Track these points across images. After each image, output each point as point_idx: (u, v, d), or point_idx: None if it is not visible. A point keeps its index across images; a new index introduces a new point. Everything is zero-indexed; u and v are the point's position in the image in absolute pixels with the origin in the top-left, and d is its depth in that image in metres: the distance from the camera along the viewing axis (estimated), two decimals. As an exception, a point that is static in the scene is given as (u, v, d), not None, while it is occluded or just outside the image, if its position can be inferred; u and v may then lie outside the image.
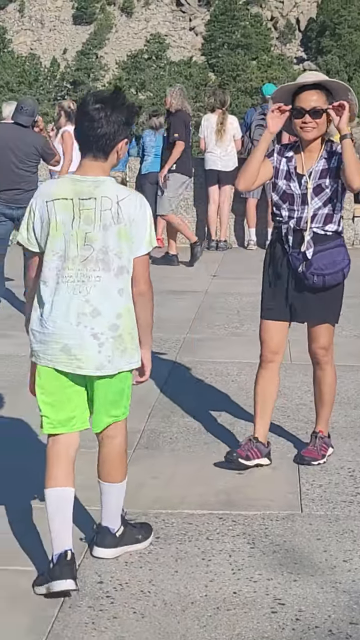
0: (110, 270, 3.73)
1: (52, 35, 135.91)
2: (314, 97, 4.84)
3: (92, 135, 3.75)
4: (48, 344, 3.76)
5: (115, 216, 3.73)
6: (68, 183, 3.80)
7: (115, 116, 3.74)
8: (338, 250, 4.96)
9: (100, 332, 3.73)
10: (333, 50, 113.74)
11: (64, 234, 3.73)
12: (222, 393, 6.47)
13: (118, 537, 4.03)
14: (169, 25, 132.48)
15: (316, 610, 3.60)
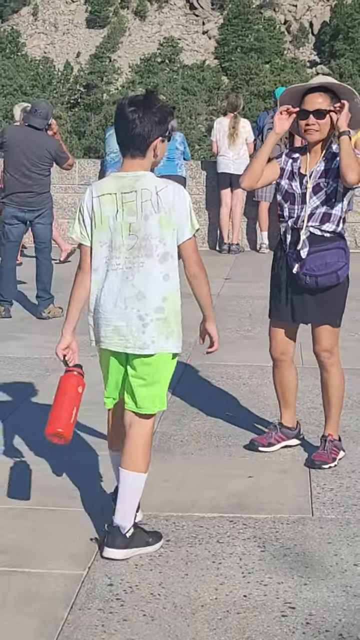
0: (152, 256, 4.01)
1: (65, 39, 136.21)
2: (318, 99, 4.94)
3: (128, 136, 4.04)
4: (101, 327, 4.08)
5: (156, 205, 4.01)
6: (112, 180, 4.12)
7: (148, 117, 4.02)
8: (334, 252, 4.98)
9: (145, 313, 4.01)
10: (346, 54, 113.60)
11: (109, 226, 4.04)
12: (233, 396, 6.46)
13: (128, 538, 4.07)
14: (182, 29, 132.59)
15: (327, 614, 3.59)
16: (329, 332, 5.15)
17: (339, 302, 5.14)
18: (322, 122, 4.92)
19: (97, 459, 5.25)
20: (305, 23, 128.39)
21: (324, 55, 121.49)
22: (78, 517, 4.48)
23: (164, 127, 4.08)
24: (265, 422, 5.83)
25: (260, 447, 5.35)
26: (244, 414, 6.06)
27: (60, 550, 4.11)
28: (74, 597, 3.72)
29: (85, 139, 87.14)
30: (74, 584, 3.82)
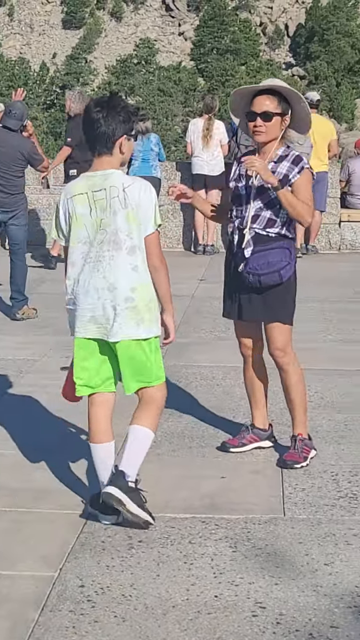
0: (121, 249, 4.29)
1: (41, 40, 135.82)
2: (266, 102, 5.02)
3: (94, 135, 4.32)
4: (78, 318, 4.35)
5: (123, 202, 4.29)
6: (83, 180, 4.40)
7: (112, 116, 4.30)
8: (277, 251, 5.03)
9: (117, 303, 4.29)
10: (321, 56, 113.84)
11: (84, 224, 4.32)
12: (207, 397, 6.47)
13: (129, 487, 4.32)
14: (158, 30, 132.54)
15: (297, 613, 3.60)
16: (280, 330, 5.16)
17: (286, 301, 5.16)
18: (269, 124, 5.00)
19: (68, 460, 5.25)
20: (281, 25, 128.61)
21: (299, 57, 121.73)
22: (49, 519, 4.48)
23: (128, 125, 4.36)
24: (238, 423, 5.84)
25: (231, 448, 5.36)
26: (218, 415, 6.07)
27: (31, 552, 4.11)
28: (45, 598, 3.71)
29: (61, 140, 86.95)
30: (45, 585, 3.82)
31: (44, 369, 7.17)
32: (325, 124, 13.82)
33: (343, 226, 13.73)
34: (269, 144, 5.06)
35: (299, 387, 5.24)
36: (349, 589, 3.79)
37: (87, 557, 4.07)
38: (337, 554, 4.11)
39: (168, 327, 4.50)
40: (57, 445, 5.49)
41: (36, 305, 9.11)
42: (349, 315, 9.15)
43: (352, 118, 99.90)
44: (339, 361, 7.40)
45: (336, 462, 5.23)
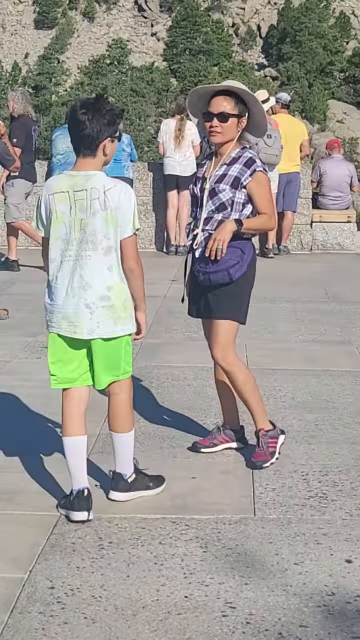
0: (98, 249, 4.39)
1: (13, 40, 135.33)
2: (223, 102, 5.03)
3: (79, 136, 4.40)
4: (54, 314, 4.47)
5: (103, 204, 4.37)
6: (65, 178, 4.48)
7: (97, 118, 4.37)
8: (228, 250, 5.01)
9: (92, 302, 4.39)
10: (294, 57, 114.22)
11: (64, 222, 4.41)
12: (178, 397, 6.47)
13: (130, 482, 4.63)
14: (130, 31, 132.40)
15: (266, 613, 3.61)
16: (223, 328, 5.13)
17: (234, 300, 5.11)
18: (225, 125, 5.00)
19: (39, 462, 5.24)
20: (253, 26, 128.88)
21: (271, 58, 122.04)
22: (19, 520, 4.46)
23: (112, 128, 4.43)
24: (210, 423, 5.85)
25: (202, 448, 5.37)
26: (189, 415, 6.07)
27: (0, 554, 4.09)
28: (15, 600, 3.70)
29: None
30: (14, 587, 3.80)
31: (15, 370, 7.15)
32: (297, 125, 13.89)
33: (315, 227, 13.78)
34: (225, 145, 5.06)
35: (247, 383, 5.18)
36: (319, 589, 3.80)
37: (57, 559, 4.06)
38: (307, 553, 4.12)
39: (140, 323, 4.62)
40: (28, 446, 5.48)
41: (7, 306, 9.08)
42: (320, 316, 9.19)
43: (324, 119, 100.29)
44: (311, 361, 7.43)
45: (306, 461, 5.25)
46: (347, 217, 13.91)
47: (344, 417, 6.07)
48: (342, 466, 5.18)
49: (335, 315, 9.26)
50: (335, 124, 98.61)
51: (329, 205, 13.87)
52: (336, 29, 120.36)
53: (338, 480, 4.97)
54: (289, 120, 13.60)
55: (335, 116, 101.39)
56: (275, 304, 9.62)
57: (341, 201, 13.90)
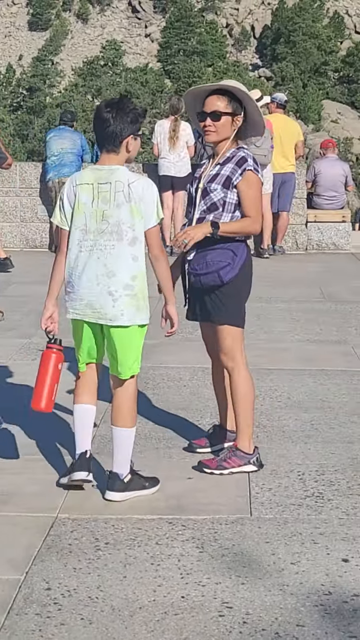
0: (123, 239, 4.60)
1: (7, 42, 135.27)
2: (217, 102, 5.02)
3: (103, 133, 4.65)
4: (75, 302, 4.67)
5: (127, 196, 4.60)
6: (90, 172, 4.72)
7: (121, 117, 4.62)
8: (218, 252, 4.97)
9: (115, 290, 4.60)
10: (288, 57, 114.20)
11: (84, 212, 4.63)
12: (174, 398, 6.47)
13: (126, 482, 4.70)
14: (124, 32, 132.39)
15: (263, 613, 3.61)
16: (224, 333, 5.06)
17: (230, 304, 5.02)
18: (219, 124, 4.99)
19: (34, 462, 5.23)
20: (247, 27, 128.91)
21: (265, 58, 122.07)
22: (15, 522, 4.46)
23: (135, 126, 4.68)
24: (206, 424, 5.85)
25: (198, 448, 5.36)
26: (185, 416, 6.07)
27: (6, 550, 4.09)
28: (11, 602, 3.69)
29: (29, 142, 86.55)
30: (11, 589, 3.80)
31: (10, 371, 7.14)
32: (292, 125, 13.88)
33: (310, 227, 13.79)
34: (220, 143, 5.04)
35: (245, 398, 5.07)
36: (315, 588, 3.80)
37: (54, 560, 4.06)
38: (304, 553, 4.12)
39: (172, 317, 4.83)
40: (24, 448, 5.47)
41: (2, 308, 9.07)
42: (316, 315, 9.19)
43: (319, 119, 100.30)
44: (306, 361, 7.43)
45: (303, 461, 5.25)
46: (342, 217, 13.92)
47: (340, 416, 6.08)
48: (338, 465, 5.18)
49: (331, 314, 9.27)
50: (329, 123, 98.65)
51: (323, 205, 13.88)
52: (330, 29, 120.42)
53: (334, 480, 4.97)
54: (284, 121, 13.60)
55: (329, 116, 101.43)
56: (271, 304, 9.62)
57: (336, 201, 13.91)
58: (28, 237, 13.90)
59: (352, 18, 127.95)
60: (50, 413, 5.10)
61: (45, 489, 4.85)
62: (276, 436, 5.67)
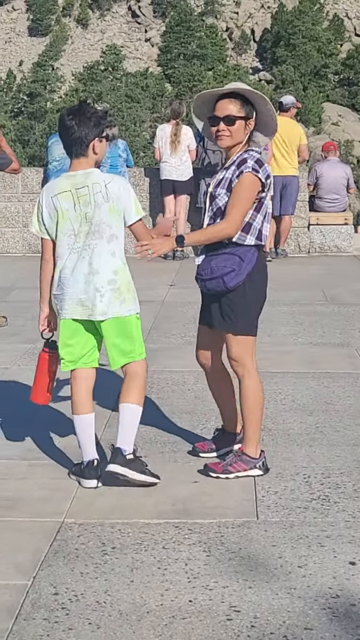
0: (103, 238, 4.84)
1: (7, 47, 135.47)
2: (229, 105, 4.94)
3: (70, 140, 4.85)
4: (65, 301, 4.89)
5: (105, 196, 4.82)
6: (65, 179, 4.91)
7: (84, 122, 4.82)
8: (223, 257, 4.92)
9: (101, 286, 4.82)
10: (288, 61, 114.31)
11: (69, 218, 4.84)
12: (178, 402, 6.47)
13: (128, 459, 4.86)
14: (124, 37, 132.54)
15: (271, 616, 3.61)
16: (233, 341, 5.01)
17: (237, 311, 4.96)
18: (233, 128, 4.91)
19: (40, 467, 5.24)
20: (247, 30, 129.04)
21: (266, 61, 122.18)
22: (22, 527, 4.46)
23: (98, 129, 4.87)
24: (210, 427, 5.84)
25: (200, 452, 5.34)
26: (189, 419, 6.07)
27: (4, 561, 4.09)
28: (19, 607, 3.69)
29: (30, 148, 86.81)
30: (18, 594, 3.80)
31: (14, 377, 7.14)
32: (295, 129, 13.78)
33: (312, 229, 13.80)
34: (233, 148, 4.97)
35: (253, 406, 5.02)
36: (323, 591, 3.80)
37: (61, 565, 4.06)
38: (310, 556, 4.12)
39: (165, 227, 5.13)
40: (30, 453, 5.48)
41: (5, 313, 9.08)
42: (319, 318, 9.20)
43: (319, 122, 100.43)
44: (310, 364, 7.43)
45: (308, 464, 5.25)
46: (344, 220, 13.94)
47: (345, 419, 6.08)
48: (344, 468, 5.18)
49: (334, 317, 9.27)
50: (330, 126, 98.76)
51: (325, 207, 13.89)
52: (330, 32, 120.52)
53: (340, 483, 4.97)
54: (287, 124, 13.58)
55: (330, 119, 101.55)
56: (274, 307, 9.61)
57: (338, 203, 13.92)
58: (30, 243, 13.91)
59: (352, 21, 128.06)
60: (53, 416, 5.08)
61: (52, 494, 4.85)
62: (281, 439, 5.67)
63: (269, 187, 5.00)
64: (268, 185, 4.96)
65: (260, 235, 4.96)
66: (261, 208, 4.94)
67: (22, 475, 5.14)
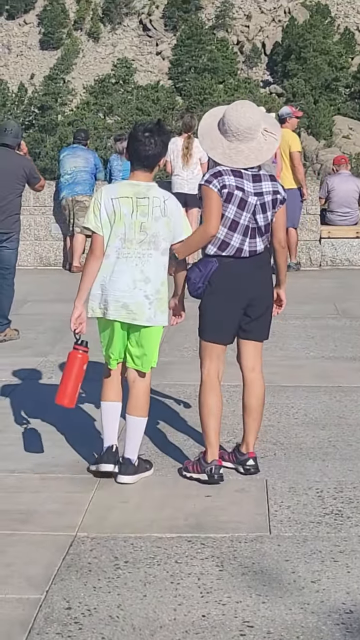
0: (158, 249, 5.13)
1: (19, 61, 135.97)
2: None
3: (143, 155, 5.13)
4: (110, 303, 5.09)
5: (163, 211, 5.12)
6: (128, 186, 5.18)
7: (160, 142, 5.14)
8: (192, 268, 5.27)
9: (150, 294, 5.11)
10: (299, 74, 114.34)
11: (124, 223, 5.08)
12: (190, 416, 6.46)
13: (136, 466, 5.22)
14: (135, 50, 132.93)
15: (285, 632, 3.60)
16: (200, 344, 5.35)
17: (200, 316, 5.28)
18: None
19: (53, 480, 5.24)
20: (258, 43, 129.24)
21: (276, 75, 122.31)
22: (35, 541, 4.46)
23: (167, 148, 5.27)
24: (222, 441, 5.83)
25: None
26: (201, 434, 6.05)
27: (17, 575, 4.09)
28: (32, 621, 3.69)
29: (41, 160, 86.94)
30: (31, 608, 3.80)
31: (27, 390, 7.15)
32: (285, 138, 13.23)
33: (323, 243, 13.79)
34: None
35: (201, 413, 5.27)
36: (336, 606, 3.79)
37: (74, 579, 4.06)
38: (324, 571, 4.11)
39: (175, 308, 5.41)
40: (42, 467, 5.48)
41: (17, 326, 9.09)
42: (331, 332, 9.18)
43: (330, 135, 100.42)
44: (322, 378, 7.42)
45: (321, 478, 5.24)
46: (355, 233, 13.91)
47: (358, 433, 6.06)
48: (357, 482, 5.17)
49: (346, 331, 9.25)
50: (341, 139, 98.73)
51: (337, 221, 13.87)
52: (341, 45, 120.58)
53: (353, 497, 4.96)
54: (283, 136, 13.38)
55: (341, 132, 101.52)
56: (286, 321, 9.60)
57: (349, 217, 13.90)
58: (42, 255, 13.94)
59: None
60: (65, 429, 5.07)
61: (64, 508, 4.85)
62: (293, 453, 5.66)
63: (227, 197, 5.09)
64: (225, 195, 5.08)
65: (223, 246, 5.15)
66: (222, 219, 5.11)
67: (35, 488, 5.14)
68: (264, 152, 5.16)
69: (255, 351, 5.39)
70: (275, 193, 5.21)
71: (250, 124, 5.10)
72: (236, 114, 5.10)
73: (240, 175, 5.14)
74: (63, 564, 4.20)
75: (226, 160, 5.12)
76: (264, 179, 5.19)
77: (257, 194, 5.15)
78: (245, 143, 5.13)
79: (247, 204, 5.12)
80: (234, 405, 6.25)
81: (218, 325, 5.23)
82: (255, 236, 5.18)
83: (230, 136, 5.12)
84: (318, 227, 13.80)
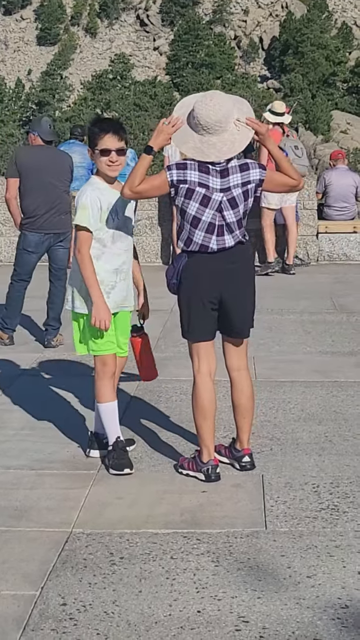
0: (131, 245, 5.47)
1: (16, 56, 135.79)
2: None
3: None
4: (118, 294, 5.37)
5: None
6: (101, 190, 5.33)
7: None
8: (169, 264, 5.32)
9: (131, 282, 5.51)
10: (296, 69, 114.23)
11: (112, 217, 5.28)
12: (187, 412, 6.44)
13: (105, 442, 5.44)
14: (133, 45, 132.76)
15: (280, 627, 3.59)
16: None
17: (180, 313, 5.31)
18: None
19: (48, 476, 5.23)
20: (255, 38, 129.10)
21: (274, 70, 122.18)
22: (30, 537, 4.45)
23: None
24: (219, 436, 5.83)
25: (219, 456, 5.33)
26: (198, 429, 6.05)
27: (12, 571, 4.09)
28: (27, 617, 3.69)
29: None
30: (26, 604, 3.79)
31: (23, 386, 7.14)
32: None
33: (320, 238, 13.77)
34: None
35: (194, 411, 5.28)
36: (332, 601, 3.79)
37: (69, 575, 4.06)
38: (320, 566, 4.11)
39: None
40: (38, 463, 5.48)
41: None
42: (327, 327, 9.18)
43: (328, 130, 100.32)
44: (319, 373, 7.41)
45: (317, 473, 5.24)
46: (353, 228, 13.90)
47: (354, 428, 6.06)
48: (353, 478, 5.17)
49: (343, 326, 9.25)
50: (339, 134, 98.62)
51: (334, 216, 13.86)
52: (338, 40, 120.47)
53: (349, 492, 4.96)
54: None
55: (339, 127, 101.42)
56: (283, 316, 9.61)
57: (347, 212, 13.88)
58: (39, 251, 13.92)
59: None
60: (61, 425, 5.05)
61: (60, 504, 4.84)
62: (290, 448, 5.66)
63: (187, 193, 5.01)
64: (185, 191, 5.00)
65: (188, 242, 5.10)
66: (184, 215, 5.06)
67: (30, 485, 5.14)
68: (237, 144, 4.98)
69: (238, 350, 5.27)
70: (246, 184, 5.04)
71: (219, 117, 4.92)
72: (205, 107, 4.93)
73: (207, 171, 4.99)
74: (58, 560, 4.20)
75: (198, 154, 4.96)
76: (233, 172, 5.02)
77: (223, 189, 5.00)
78: (216, 135, 4.95)
79: (211, 201, 4.99)
80: (229, 400, 6.23)
81: (193, 322, 5.17)
82: (223, 233, 5.05)
83: (200, 130, 4.96)
84: (315, 222, 13.78)
